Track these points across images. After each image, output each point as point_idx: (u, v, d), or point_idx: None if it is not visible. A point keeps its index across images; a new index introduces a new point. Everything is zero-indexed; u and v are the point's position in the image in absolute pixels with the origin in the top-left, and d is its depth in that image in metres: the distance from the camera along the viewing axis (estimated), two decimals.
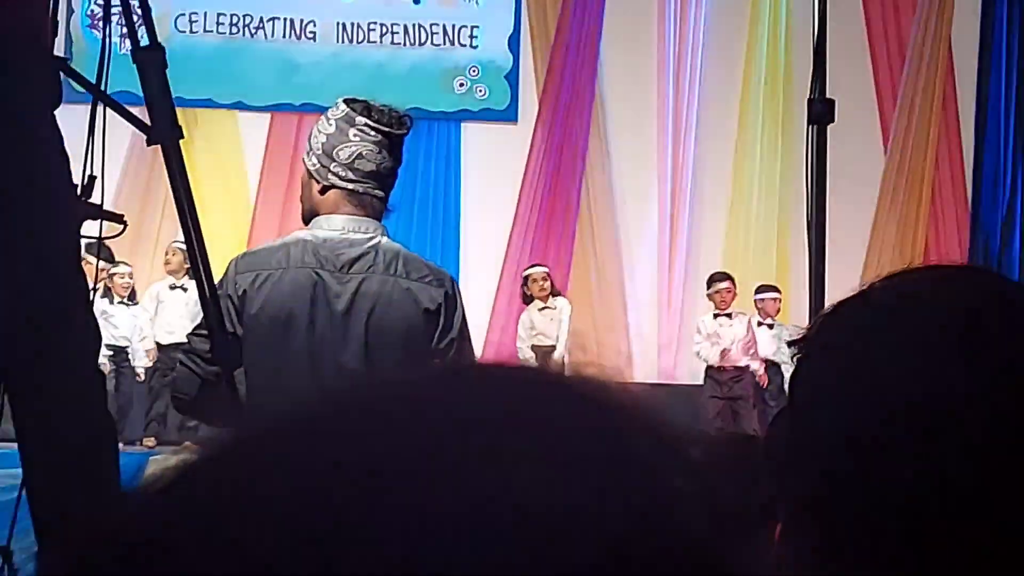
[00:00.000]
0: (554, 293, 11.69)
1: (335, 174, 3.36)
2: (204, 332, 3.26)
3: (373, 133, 3.35)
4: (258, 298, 3.23)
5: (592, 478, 0.44)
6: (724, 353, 11.24)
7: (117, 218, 3.19)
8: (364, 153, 3.34)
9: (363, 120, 3.34)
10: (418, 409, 0.46)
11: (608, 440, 0.46)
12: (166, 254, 11.05)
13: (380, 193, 3.39)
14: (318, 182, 3.38)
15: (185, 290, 10.44)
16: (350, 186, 3.36)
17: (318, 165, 3.38)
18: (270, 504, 0.44)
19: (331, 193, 3.37)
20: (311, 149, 3.41)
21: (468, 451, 0.45)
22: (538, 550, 0.43)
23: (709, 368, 11.34)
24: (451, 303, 3.38)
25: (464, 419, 0.46)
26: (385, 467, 0.45)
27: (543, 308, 11.62)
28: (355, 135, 3.35)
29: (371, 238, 3.36)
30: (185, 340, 3.46)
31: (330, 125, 3.38)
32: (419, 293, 3.34)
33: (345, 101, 3.41)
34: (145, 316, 11.00)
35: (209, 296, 3.03)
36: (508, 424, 0.45)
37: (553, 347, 11.48)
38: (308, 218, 3.44)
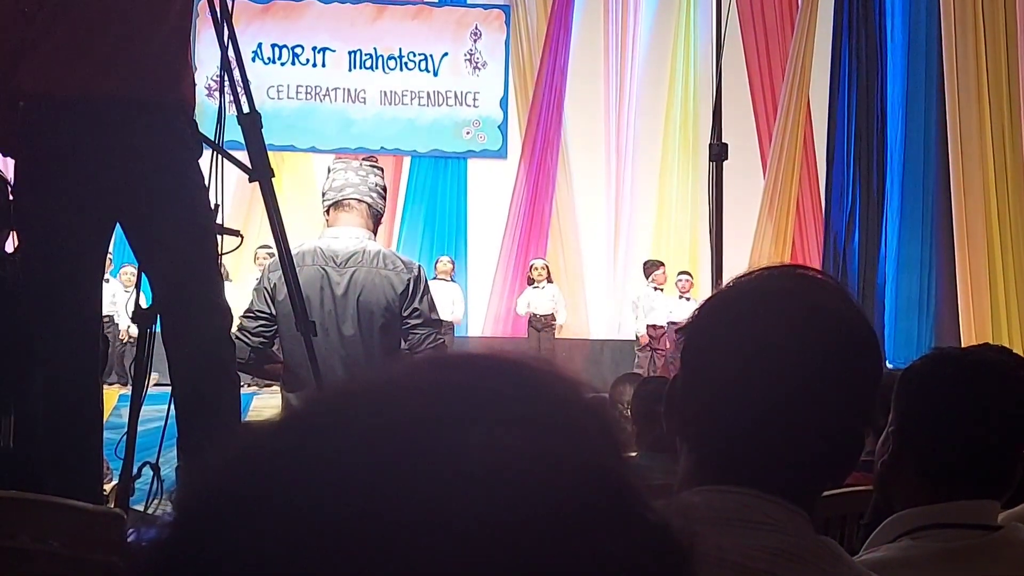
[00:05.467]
0: (549, 280, 11.69)
1: (325, 199, 3.45)
2: (250, 314, 3.31)
3: (338, 167, 3.47)
4: (283, 288, 3.19)
5: (524, 429, 0.43)
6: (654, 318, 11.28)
7: (236, 233, 3.17)
8: (334, 182, 3.44)
9: (331, 166, 3.50)
10: (407, 392, 0.45)
11: (536, 398, 0.45)
12: (255, 257, 10.84)
13: (355, 198, 3.41)
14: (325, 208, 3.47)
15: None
16: (330, 201, 3.43)
17: (322, 199, 3.48)
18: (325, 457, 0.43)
19: (331, 213, 3.43)
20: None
21: (449, 421, 0.43)
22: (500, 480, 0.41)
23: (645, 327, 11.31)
24: (416, 285, 3.38)
25: (442, 397, 0.45)
26: (391, 435, 0.43)
27: (539, 289, 11.60)
28: (328, 174, 3.46)
29: (360, 242, 3.38)
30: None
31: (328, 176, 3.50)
32: (392, 279, 3.35)
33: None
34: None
35: (295, 286, 3.00)
36: (470, 397, 0.45)
37: (545, 317, 11.48)
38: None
